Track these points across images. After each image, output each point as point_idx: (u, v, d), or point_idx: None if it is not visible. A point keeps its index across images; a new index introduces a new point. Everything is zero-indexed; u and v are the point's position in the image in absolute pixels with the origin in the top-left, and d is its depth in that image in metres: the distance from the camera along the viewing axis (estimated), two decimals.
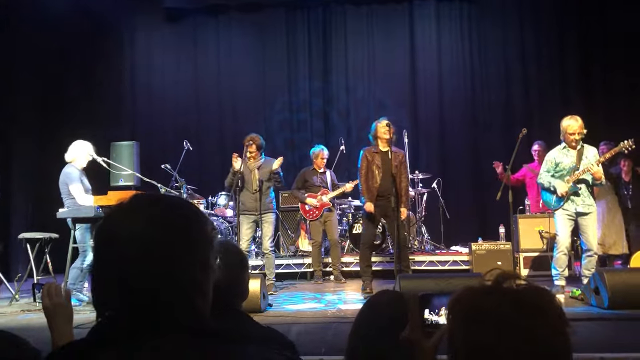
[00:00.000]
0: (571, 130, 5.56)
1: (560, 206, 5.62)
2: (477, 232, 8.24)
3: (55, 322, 1.73)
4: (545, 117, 9.00)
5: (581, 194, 5.59)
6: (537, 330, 0.94)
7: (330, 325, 4.42)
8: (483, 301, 0.99)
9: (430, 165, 8.96)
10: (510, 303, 0.97)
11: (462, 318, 1.00)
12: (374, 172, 6.25)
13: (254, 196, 6.42)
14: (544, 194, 5.85)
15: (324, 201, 7.36)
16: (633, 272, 5.11)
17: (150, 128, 9.83)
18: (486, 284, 1.03)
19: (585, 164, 5.56)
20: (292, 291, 6.67)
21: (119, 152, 6.70)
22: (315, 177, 7.46)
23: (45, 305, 1.74)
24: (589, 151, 5.68)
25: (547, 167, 5.76)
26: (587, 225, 5.56)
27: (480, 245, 7.28)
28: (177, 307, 1.00)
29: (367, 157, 6.34)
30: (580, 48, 9.45)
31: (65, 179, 5.94)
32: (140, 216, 1.04)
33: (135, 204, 1.07)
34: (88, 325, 4.61)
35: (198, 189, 8.06)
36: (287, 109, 10.17)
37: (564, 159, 5.68)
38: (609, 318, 4.46)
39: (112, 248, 1.02)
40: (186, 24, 10.19)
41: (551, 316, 0.97)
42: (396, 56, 9.99)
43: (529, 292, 0.99)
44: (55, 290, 1.76)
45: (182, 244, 1.03)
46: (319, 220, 7.38)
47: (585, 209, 5.57)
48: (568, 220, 5.61)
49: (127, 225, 1.02)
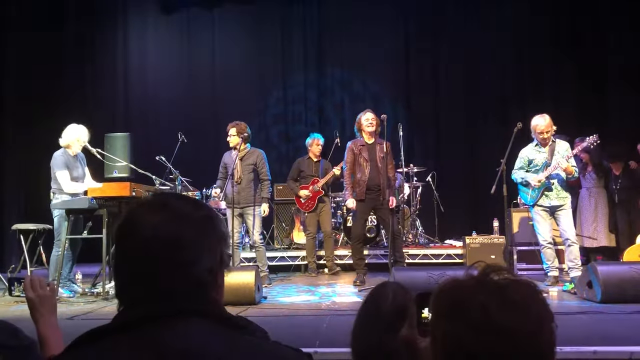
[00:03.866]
0: (539, 130, 5.77)
1: (535, 202, 5.82)
2: (471, 225, 8.26)
3: (40, 314, 1.76)
4: (541, 112, 8.97)
5: (554, 188, 5.78)
6: (518, 325, 0.93)
7: (325, 318, 4.42)
8: (465, 294, 0.98)
9: (425, 159, 8.97)
10: (493, 297, 0.96)
11: (444, 309, 1.00)
12: (362, 165, 6.24)
13: (236, 188, 6.39)
14: (521, 193, 6.10)
15: (316, 190, 7.33)
16: (626, 266, 5.12)
17: (144, 120, 9.79)
18: (471, 275, 1.02)
19: (557, 159, 5.67)
20: (286, 284, 6.68)
21: (113, 143, 6.65)
22: (310, 167, 7.45)
23: (30, 297, 1.76)
24: (561, 146, 5.86)
25: (521, 164, 5.96)
26: (562, 216, 5.80)
27: (474, 238, 7.31)
28: (200, 297, 1.06)
29: (353, 150, 6.33)
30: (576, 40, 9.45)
31: (52, 164, 5.88)
32: (167, 212, 1.09)
33: (160, 200, 1.13)
34: (83, 316, 4.63)
35: (192, 180, 8.03)
36: (281, 102, 10.16)
37: (537, 155, 5.87)
38: (602, 312, 4.48)
39: (140, 242, 1.06)
40: (180, 16, 10.15)
41: (534, 311, 0.96)
42: (390, 49, 9.96)
43: (513, 286, 0.98)
44: (39, 283, 1.77)
45: (207, 239, 1.09)
46: (314, 211, 7.38)
47: (559, 202, 5.79)
48: (544, 214, 5.84)
49: (157, 220, 1.07)
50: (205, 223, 1.11)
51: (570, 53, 9.39)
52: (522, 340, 0.93)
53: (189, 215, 1.09)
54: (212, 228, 1.12)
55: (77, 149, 6.00)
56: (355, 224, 6.51)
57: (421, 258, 7.58)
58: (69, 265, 6.04)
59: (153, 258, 1.04)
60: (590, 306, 4.72)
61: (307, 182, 7.41)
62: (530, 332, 0.94)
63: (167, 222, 1.07)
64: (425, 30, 9.94)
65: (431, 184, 8.53)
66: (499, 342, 0.93)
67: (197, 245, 1.07)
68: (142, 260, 1.05)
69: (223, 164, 6.68)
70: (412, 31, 9.96)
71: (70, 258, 6.05)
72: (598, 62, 9.28)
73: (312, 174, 7.40)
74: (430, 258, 7.59)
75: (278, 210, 8.56)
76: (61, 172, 5.80)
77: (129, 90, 10.07)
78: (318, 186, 7.32)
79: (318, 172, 7.41)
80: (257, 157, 6.53)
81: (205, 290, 1.08)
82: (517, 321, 0.94)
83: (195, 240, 1.07)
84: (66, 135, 5.97)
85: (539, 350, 0.95)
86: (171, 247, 1.04)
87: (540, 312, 0.97)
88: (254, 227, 6.42)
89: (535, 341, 0.95)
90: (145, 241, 1.05)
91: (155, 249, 1.04)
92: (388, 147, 6.32)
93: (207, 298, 1.08)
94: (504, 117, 9.17)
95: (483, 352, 0.93)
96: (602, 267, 4.92)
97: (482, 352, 0.93)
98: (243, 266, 6.61)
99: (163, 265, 1.04)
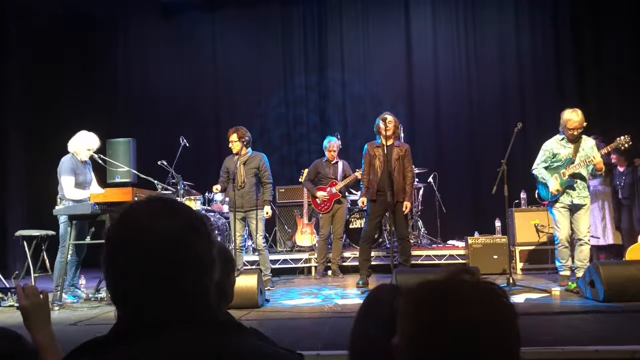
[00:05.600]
0: (572, 125, 5.57)
1: (557, 199, 5.66)
2: (474, 226, 8.26)
3: (34, 322, 1.76)
4: (541, 111, 9.03)
5: (577, 187, 5.64)
6: (482, 326, 0.94)
7: (327, 321, 4.43)
8: (430, 295, 1.00)
9: (427, 160, 8.97)
10: (455, 298, 0.97)
11: (411, 309, 1.01)
12: (376, 166, 6.28)
13: (239, 192, 6.40)
14: (540, 188, 5.90)
15: (333, 192, 7.38)
16: (628, 265, 5.12)
17: (146, 124, 9.81)
18: (441, 277, 1.03)
19: (582, 155, 5.58)
20: (289, 286, 6.69)
21: (115, 148, 6.65)
22: (328, 169, 7.48)
23: (24, 305, 1.76)
24: (586, 142, 5.70)
25: (545, 157, 5.78)
26: (580, 216, 5.64)
27: (476, 239, 7.31)
28: (196, 301, 1.07)
29: (369, 152, 6.37)
30: (575, 43, 9.46)
31: (58, 169, 5.92)
32: (165, 216, 1.10)
33: (155, 204, 1.13)
34: (87, 321, 4.64)
35: (194, 184, 8.06)
36: (283, 104, 10.18)
37: (562, 150, 5.70)
38: (605, 311, 4.47)
39: (137, 243, 1.06)
40: (182, 19, 10.17)
41: (498, 311, 0.97)
42: (392, 51, 9.98)
43: (477, 286, 1.00)
44: (32, 291, 1.78)
45: (203, 243, 1.10)
46: (329, 212, 7.41)
47: (580, 201, 5.63)
48: (565, 212, 5.67)
49: (155, 223, 1.07)
50: (204, 227, 1.12)
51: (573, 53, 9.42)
52: (485, 340, 0.94)
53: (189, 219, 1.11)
54: (209, 232, 1.13)
55: (84, 156, 6.03)
56: (367, 224, 6.51)
57: (424, 259, 7.58)
58: (73, 270, 6.07)
59: (152, 261, 1.04)
60: (593, 305, 4.71)
61: (324, 184, 7.45)
62: (494, 333, 0.95)
63: (169, 224, 1.07)
64: (426, 29, 9.94)
65: (433, 185, 8.53)
66: (462, 343, 0.94)
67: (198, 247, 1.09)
68: (141, 263, 1.05)
69: (224, 169, 6.68)
70: (413, 32, 9.96)
71: (75, 263, 6.08)
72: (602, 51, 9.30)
73: (329, 176, 7.45)
74: (432, 259, 7.59)
75: (280, 213, 8.57)
76: (66, 177, 5.84)
77: (131, 95, 10.09)
78: (336, 189, 7.38)
79: (336, 174, 7.46)
80: (259, 161, 6.56)
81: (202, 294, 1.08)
82: (480, 321, 0.95)
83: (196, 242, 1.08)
84: (75, 142, 6.01)
85: (503, 350, 0.96)
86: (172, 250, 1.05)
87: (503, 312, 0.98)
88: (257, 230, 6.44)
89: (498, 342, 0.95)
90: (144, 243, 1.05)
91: (155, 251, 1.04)
92: (406, 151, 6.33)
93: (206, 302, 1.09)
94: (505, 118, 9.18)
95: (448, 352, 0.94)
96: (605, 266, 4.92)
97: (447, 352, 0.94)
98: (246, 269, 6.62)
99: (164, 269, 1.04)
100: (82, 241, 5.95)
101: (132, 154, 6.74)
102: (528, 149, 7.63)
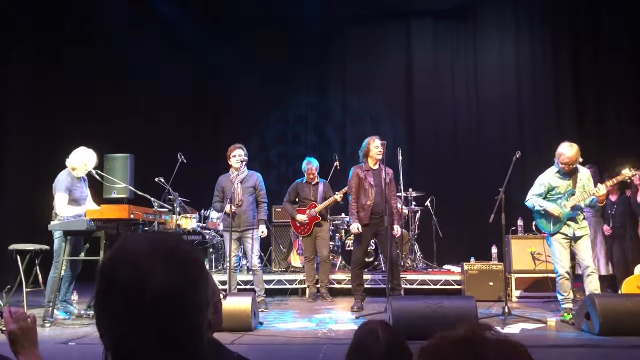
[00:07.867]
0: (563, 160, 5.53)
1: (557, 231, 5.61)
2: (470, 251, 8.22)
3: (22, 346, 1.75)
4: (540, 139, 9.05)
5: (577, 218, 5.62)
6: None
7: (321, 347, 4.38)
8: (454, 353, 0.97)
9: (424, 184, 8.96)
10: (476, 357, 0.94)
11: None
12: (367, 190, 6.24)
13: (237, 210, 6.37)
14: (538, 219, 5.83)
15: (313, 215, 7.28)
16: (624, 299, 5.10)
17: (144, 140, 9.79)
18: (458, 334, 1.00)
19: (580, 187, 5.57)
20: (283, 309, 6.63)
21: (112, 164, 6.67)
22: (308, 190, 7.37)
23: (11, 330, 1.74)
24: (583, 173, 5.70)
25: (540, 190, 5.72)
26: (582, 245, 5.59)
27: (472, 265, 7.28)
28: (187, 346, 1.05)
29: (358, 175, 6.33)
30: (575, 70, 9.53)
31: (54, 185, 5.91)
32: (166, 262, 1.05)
33: (158, 247, 1.08)
34: (77, 340, 4.59)
35: (191, 201, 8.03)
36: (282, 123, 10.20)
37: (560, 182, 5.66)
38: (600, 345, 4.45)
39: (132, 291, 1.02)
40: (183, 36, 10.19)
41: None
42: (393, 73, 10.04)
43: (499, 346, 0.98)
44: (20, 316, 1.77)
45: (201, 283, 1.08)
46: (310, 235, 7.34)
47: (581, 232, 5.60)
48: (565, 243, 5.61)
49: (155, 270, 1.03)
50: (201, 267, 1.10)
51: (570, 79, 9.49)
52: None
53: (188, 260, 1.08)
54: (205, 271, 1.11)
55: (81, 172, 6.02)
56: (357, 248, 6.47)
57: (419, 283, 7.54)
58: (67, 285, 6.02)
59: (152, 308, 1.01)
60: (588, 338, 4.69)
61: (304, 206, 7.36)
62: None
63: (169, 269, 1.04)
64: (427, 52, 10.01)
65: (430, 209, 8.52)
66: None
67: (198, 289, 1.07)
68: (141, 310, 1.02)
69: (219, 187, 6.63)
70: (414, 55, 10.03)
71: (69, 278, 6.04)
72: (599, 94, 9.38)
73: (309, 198, 7.34)
74: (428, 284, 7.55)
75: (276, 233, 8.53)
76: (60, 194, 5.81)
77: (129, 110, 10.07)
78: (315, 211, 7.24)
79: (316, 196, 7.31)
80: (256, 179, 6.56)
81: (199, 335, 1.07)
82: None
83: (195, 284, 1.06)
84: (74, 158, 5.98)
85: None
86: (173, 295, 1.02)
87: None
88: (252, 250, 6.40)
89: None
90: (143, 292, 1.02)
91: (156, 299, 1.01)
92: (392, 175, 6.33)
93: (202, 341, 1.07)
94: (503, 144, 9.21)
95: None
96: (600, 299, 4.90)
97: None
98: (240, 290, 6.58)
99: (165, 315, 1.02)
100: (76, 257, 5.91)
101: (130, 169, 6.76)
102: (526, 176, 7.59)
